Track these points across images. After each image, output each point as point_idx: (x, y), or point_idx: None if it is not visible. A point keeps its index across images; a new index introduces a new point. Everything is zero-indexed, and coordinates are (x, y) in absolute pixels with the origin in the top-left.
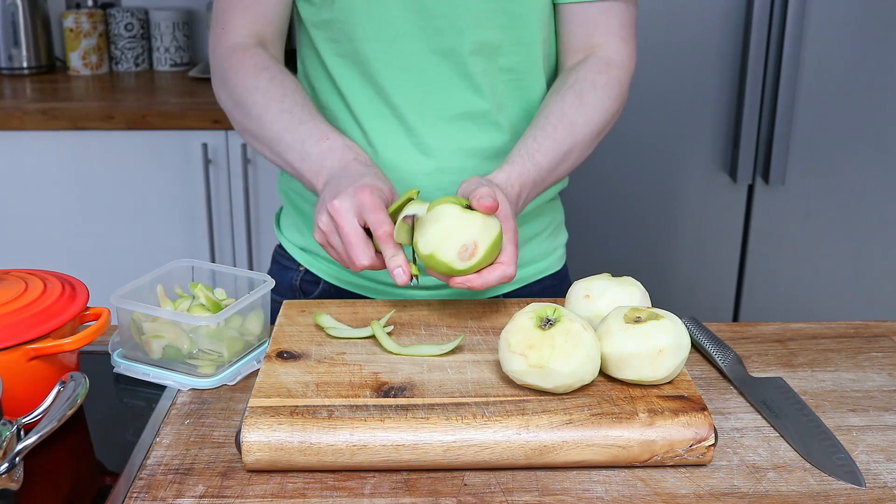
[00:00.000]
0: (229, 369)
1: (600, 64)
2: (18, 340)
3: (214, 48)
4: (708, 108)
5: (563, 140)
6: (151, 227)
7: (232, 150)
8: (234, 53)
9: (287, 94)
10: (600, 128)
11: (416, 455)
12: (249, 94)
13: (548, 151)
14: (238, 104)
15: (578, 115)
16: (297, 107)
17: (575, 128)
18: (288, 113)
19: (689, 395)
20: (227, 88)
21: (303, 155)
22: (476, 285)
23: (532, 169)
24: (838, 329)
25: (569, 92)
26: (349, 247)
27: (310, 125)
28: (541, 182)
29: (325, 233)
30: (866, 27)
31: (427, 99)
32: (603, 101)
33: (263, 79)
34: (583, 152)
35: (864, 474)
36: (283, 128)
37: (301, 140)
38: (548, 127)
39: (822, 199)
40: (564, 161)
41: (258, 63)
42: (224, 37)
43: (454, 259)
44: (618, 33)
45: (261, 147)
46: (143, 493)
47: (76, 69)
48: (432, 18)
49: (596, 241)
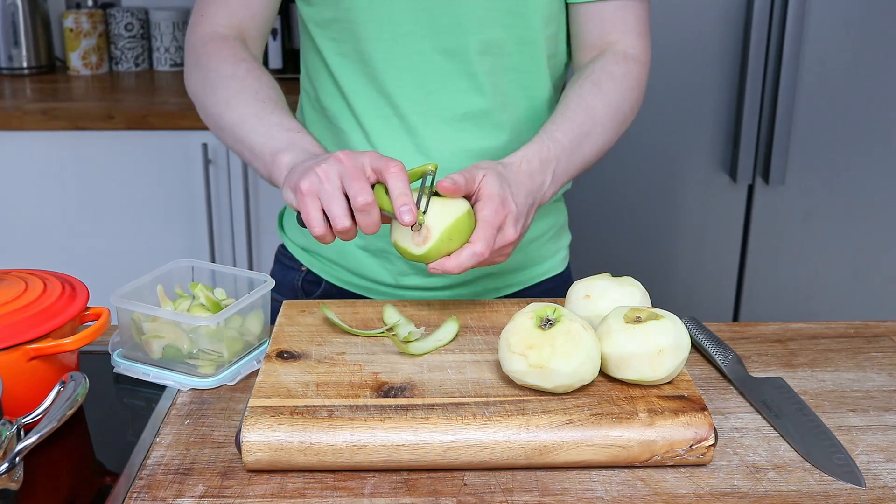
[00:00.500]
0: (229, 369)
1: (617, 57)
2: (18, 340)
3: (191, 34)
4: (708, 108)
5: (582, 122)
6: (151, 227)
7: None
8: (212, 41)
9: (262, 87)
10: (621, 115)
11: (416, 455)
12: (223, 80)
13: (567, 131)
14: (209, 89)
15: (597, 100)
16: (269, 100)
17: (594, 111)
18: (260, 102)
19: (689, 395)
20: (200, 72)
21: (267, 138)
22: (450, 267)
23: (552, 146)
24: (838, 329)
25: (586, 81)
26: (353, 181)
27: (281, 116)
28: (566, 158)
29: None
30: (866, 27)
31: (429, 99)
32: (621, 89)
33: (241, 68)
34: (606, 136)
35: (864, 474)
36: (253, 112)
37: (269, 125)
38: (566, 111)
39: (822, 199)
40: (587, 141)
41: (237, 55)
42: (202, 23)
43: (410, 245)
44: (633, 29)
45: (223, 134)
46: (143, 493)
47: (76, 69)
48: (437, 17)
49: (596, 241)
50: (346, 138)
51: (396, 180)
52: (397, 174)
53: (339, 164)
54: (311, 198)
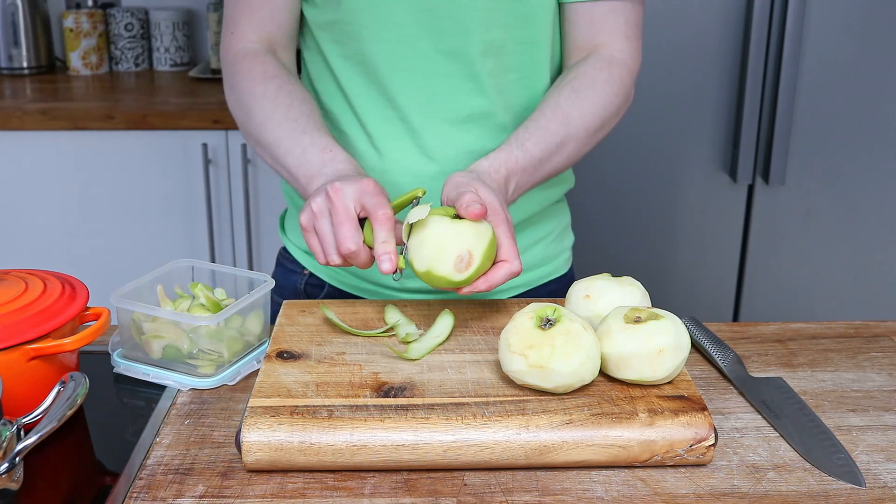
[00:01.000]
0: (229, 369)
1: (601, 61)
2: (18, 340)
3: (224, 53)
4: (708, 108)
5: (555, 132)
6: (151, 227)
7: (232, 150)
8: (243, 59)
9: (294, 103)
10: (599, 123)
11: (416, 455)
12: (256, 100)
13: (539, 141)
14: (244, 110)
15: (574, 108)
16: (302, 116)
17: (570, 121)
18: (293, 121)
19: (689, 395)
20: (234, 93)
21: (302, 161)
22: (483, 289)
23: (521, 156)
24: (838, 329)
25: (566, 87)
26: (339, 226)
27: (314, 136)
28: (532, 170)
29: (315, 214)
30: (866, 27)
31: (432, 101)
32: (601, 97)
33: (272, 86)
34: (580, 147)
35: (864, 474)
36: (286, 134)
37: (303, 147)
38: (541, 119)
39: (822, 199)
40: (558, 153)
41: (267, 71)
42: (233, 41)
43: (451, 272)
44: (622, 32)
45: (262, 152)
46: (143, 493)
47: (76, 69)
48: (439, 19)
49: (596, 241)
50: (349, 140)
51: (380, 229)
52: (382, 222)
53: (328, 201)
54: (310, 233)
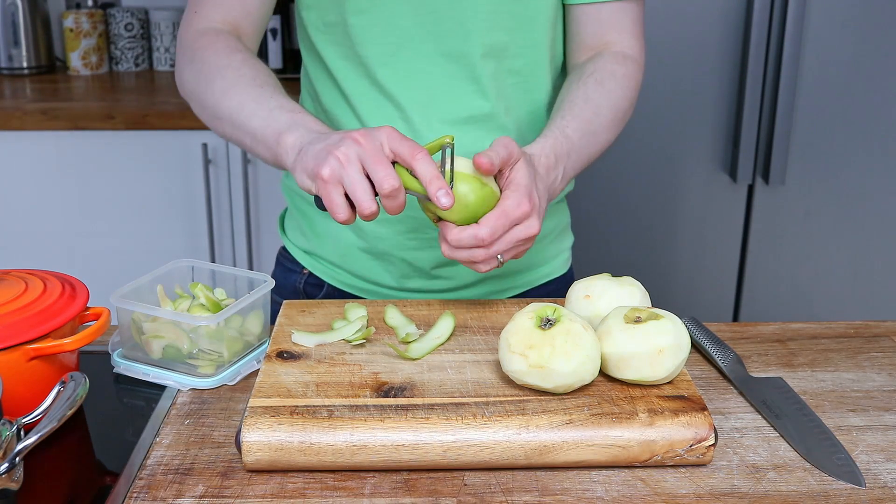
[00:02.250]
0: (229, 369)
1: (617, 57)
2: (18, 340)
3: (184, 31)
4: (708, 108)
5: (589, 119)
6: (151, 227)
7: (232, 150)
8: (205, 35)
9: (259, 74)
10: (621, 114)
11: (416, 455)
12: (219, 71)
13: (577, 128)
14: (204, 81)
15: (602, 98)
16: (268, 85)
17: (599, 110)
18: (258, 87)
19: (689, 395)
20: (193, 67)
21: (269, 120)
22: (449, 238)
23: (564, 141)
24: (838, 329)
25: (589, 79)
26: (377, 166)
27: (280, 100)
28: (575, 156)
29: (342, 162)
30: (866, 27)
31: (433, 102)
32: (623, 89)
33: (236, 59)
34: (608, 135)
35: (864, 474)
36: (252, 98)
37: (269, 109)
38: (573, 108)
39: (822, 199)
40: (593, 140)
41: (232, 45)
42: (196, 19)
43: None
44: (630, 30)
45: (221, 124)
46: (143, 493)
47: (76, 69)
48: (440, 21)
49: (596, 241)
50: None
51: (424, 165)
52: (423, 159)
53: (358, 145)
54: (334, 184)
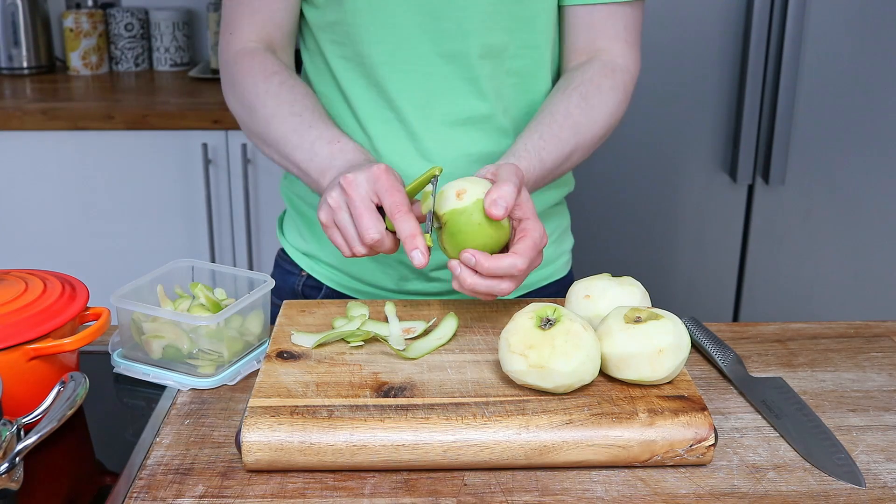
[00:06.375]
0: (229, 369)
1: (605, 68)
2: (18, 340)
3: (223, 53)
4: (708, 108)
5: (567, 140)
6: (151, 227)
7: (232, 150)
8: (243, 58)
9: (297, 98)
10: (603, 131)
11: (416, 455)
12: (259, 97)
13: (552, 150)
14: (247, 108)
15: (583, 116)
16: (307, 111)
17: (579, 129)
18: (297, 116)
19: (689, 395)
20: (235, 93)
21: (311, 154)
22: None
23: (538, 166)
24: (838, 329)
25: (574, 93)
26: (359, 218)
27: (320, 129)
28: (541, 181)
29: (332, 209)
30: (866, 27)
31: (431, 103)
32: (607, 105)
33: (273, 83)
34: (584, 154)
35: (864, 474)
36: (292, 129)
37: (310, 141)
38: (553, 125)
39: (822, 199)
40: (566, 161)
41: (268, 67)
42: (232, 41)
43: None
44: (623, 37)
45: (269, 150)
46: (143, 493)
47: (76, 69)
48: (439, 21)
49: (595, 241)
50: None
51: (403, 223)
52: (402, 217)
53: (344, 194)
54: (331, 227)
